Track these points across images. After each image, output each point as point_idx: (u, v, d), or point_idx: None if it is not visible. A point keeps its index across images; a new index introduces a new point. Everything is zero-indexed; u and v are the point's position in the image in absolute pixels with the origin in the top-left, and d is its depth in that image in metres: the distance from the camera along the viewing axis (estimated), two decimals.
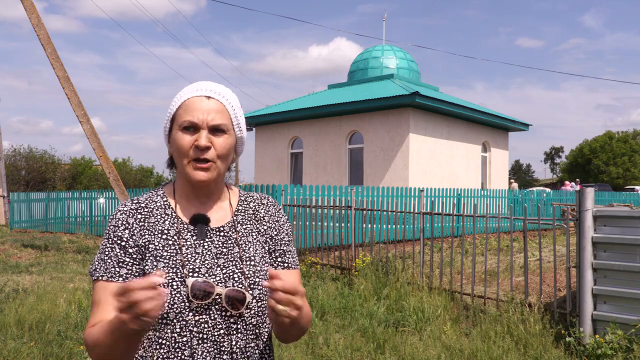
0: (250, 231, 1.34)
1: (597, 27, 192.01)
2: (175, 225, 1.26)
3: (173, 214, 1.28)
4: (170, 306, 1.17)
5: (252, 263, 1.28)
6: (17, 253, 11.12)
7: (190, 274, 1.20)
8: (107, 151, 10.45)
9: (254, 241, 1.33)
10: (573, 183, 29.30)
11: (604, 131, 60.47)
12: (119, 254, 1.22)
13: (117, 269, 1.21)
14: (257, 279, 1.27)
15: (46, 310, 5.50)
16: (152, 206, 1.28)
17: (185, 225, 1.27)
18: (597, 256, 4.70)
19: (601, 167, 56.88)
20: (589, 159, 58.72)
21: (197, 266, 1.22)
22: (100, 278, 1.21)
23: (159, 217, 1.27)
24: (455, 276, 6.96)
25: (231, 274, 1.24)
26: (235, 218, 1.34)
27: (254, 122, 18.81)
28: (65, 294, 6.22)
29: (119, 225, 1.24)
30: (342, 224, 8.11)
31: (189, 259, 1.22)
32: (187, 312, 1.18)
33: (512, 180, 27.58)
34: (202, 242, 1.26)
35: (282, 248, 1.37)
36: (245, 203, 1.39)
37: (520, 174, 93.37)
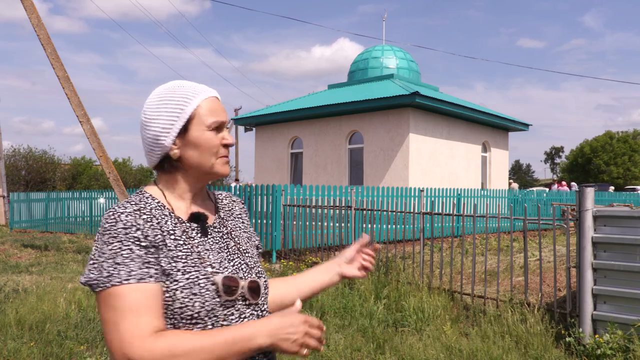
0: (235, 226, 1.40)
1: (598, 27, 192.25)
2: (178, 224, 1.26)
3: (171, 214, 1.26)
4: (201, 305, 1.17)
5: (249, 255, 1.36)
6: (17, 253, 11.12)
7: (212, 270, 1.23)
8: (107, 151, 10.46)
9: (241, 235, 1.40)
10: (573, 183, 29.28)
11: (604, 131, 60.48)
12: (141, 254, 1.15)
13: (146, 270, 1.15)
14: (259, 268, 1.36)
15: (46, 310, 5.50)
16: (150, 207, 1.24)
17: (187, 224, 1.27)
18: (597, 256, 4.70)
19: (601, 167, 56.86)
20: (589, 159, 58.70)
21: (211, 262, 1.24)
22: (125, 282, 1.12)
23: (159, 217, 1.23)
24: (455, 276, 6.95)
25: (239, 266, 1.29)
26: (219, 215, 1.38)
27: (254, 122, 18.81)
28: (65, 294, 6.22)
29: (129, 226, 1.16)
30: (342, 224, 8.11)
31: (204, 256, 1.24)
32: (217, 309, 1.19)
33: (512, 181, 27.57)
34: (205, 239, 1.28)
35: (258, 245, 1.49)
36: (220, 200, 1.44)
37: (520, 174, 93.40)
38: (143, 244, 1.16)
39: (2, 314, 5.38)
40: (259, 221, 9.59)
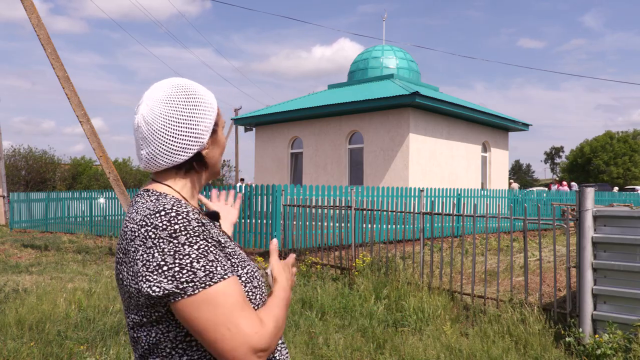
0: None
1: (597, 27, 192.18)
2: (210, 223, 1.24)
3: (200, 214, 1.24)
4: (260, 296, 1.21)
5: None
6: (17, 253, 11.12)
7: (255, 264, 1.28)
8: (107, 151, 10.46)
9: None
10: (573, 183, 29.30)
11: (604, 131, 60.42)
12: (221, 249, 1.17)
13: (230, 263, 1.18)
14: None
15: (46, 310, 5.50)
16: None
17: (215, 224, 1.29)
18: (597, 256, 4.70)
19: (601, 167, 56.85)
20: (589, 159, 58.68)
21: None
22: (226, 277, 1.10)
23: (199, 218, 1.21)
24: (455, 276, 6.96)
25: (245, 255, 1.33)
26: None
27: (254, 122, 18.81)
28: (65, 294, 6.22)
29: (201, 224, 1.14)
30: (342, 224, 8.11)
31: (241, 251, 1.28)
32: (266, 299, 1.24)
33: (512, 181, 27.57)
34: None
35: None
36: None
37: (520, 174, 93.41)
38: (215, 239, 1.16)
39: (2, 314, 5.38)
40: (259, 221, 9.59)
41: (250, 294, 1.17)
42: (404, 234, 7.30)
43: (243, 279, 1.18)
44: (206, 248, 1.10)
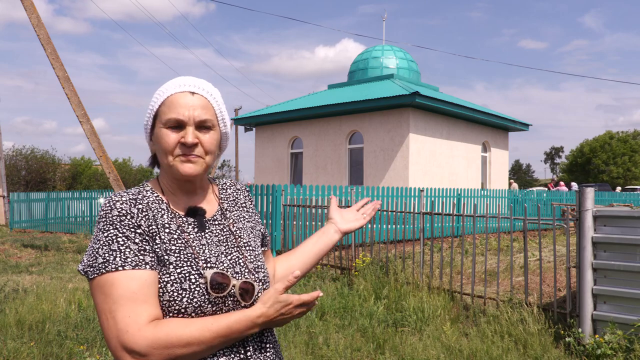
0: (238, 217, 1.37)
1: (597, 28, 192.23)
2: (174, 219, 1.24)
3: (168, 208, 1.25)
4: (189, 300, 1.14)
5: (250, 248, 1.32)
6: (17, 253, 11.12)
7: (205, 265, 1.20)
8: (109, 151, 10.47)
9: (245, 227, 1.37)
10: (573, 183, 29.31)
11: (604, 131, 60.35)
12: (137, 242, 1.14)
13: (141, 257, 1.13)
14: (259, 262, 1.31)
15: (46, 310, 5.50)
16: (147, 200, 1.23)
17: (184, 219, 1.26)
18: (597, 256, 4.69)
19: (601, 166, 56.82)
20: (589, 159, 58.64)
21: (207, 257, 1.22)
22: (120, 269, 1.10)
23: (156, 210, 1.22)
24: (455, 276, 6.96)
25: (236, 259, 1.26)
26: (222, 207, 1.36)
27: (254, 122, 18.81)
28: (65, 294, 6.22)
29: (124, 214, 1.15)
30: None
31: (198, 251, 1.21)
32: (206, 305, 1.16)
33: (512, 181, 27.57)
34: (203, 233, 1.26)
35: (264, 232, 1.47)
36: (224, 191, 1.41)
37: (520, 174, 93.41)
38: (138, 231, 1.15)
39: (2, 314, 5.38)
40: None
41: (175, 294, 1.14)
42: (404, 234, 7.30)
43: (172, 277, 1.15)
44: (113, 237, 1.13)
